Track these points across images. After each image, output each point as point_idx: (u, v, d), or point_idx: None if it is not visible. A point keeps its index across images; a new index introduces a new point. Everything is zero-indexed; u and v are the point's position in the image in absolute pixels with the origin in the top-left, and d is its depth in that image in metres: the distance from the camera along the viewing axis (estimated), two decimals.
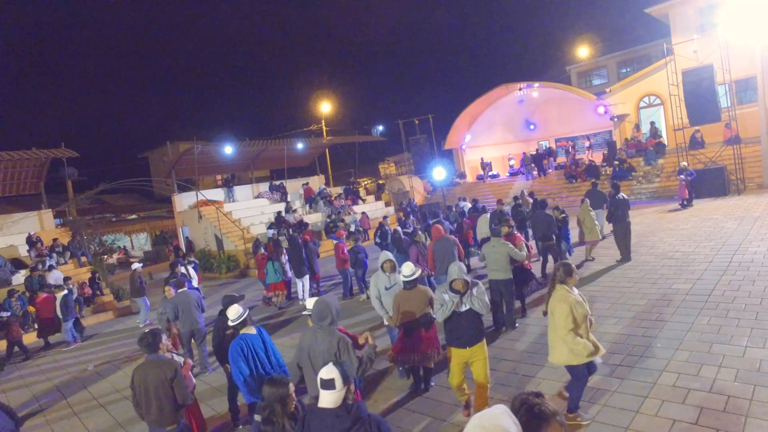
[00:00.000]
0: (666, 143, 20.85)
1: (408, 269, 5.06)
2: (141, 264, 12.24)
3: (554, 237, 9.19)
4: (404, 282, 5.07)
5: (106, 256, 17.12)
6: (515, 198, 12.15)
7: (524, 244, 7.46)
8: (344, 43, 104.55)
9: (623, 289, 7.69)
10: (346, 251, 10.39)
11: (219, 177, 39.95)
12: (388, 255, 5.96)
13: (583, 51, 31.04)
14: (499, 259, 6.73)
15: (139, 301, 11.36)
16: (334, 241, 10.64)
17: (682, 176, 14.79)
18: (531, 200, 11.82)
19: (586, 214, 9.66)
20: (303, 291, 11.17)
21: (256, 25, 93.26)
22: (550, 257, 9.39)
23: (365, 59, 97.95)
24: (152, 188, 33.87)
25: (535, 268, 9.22)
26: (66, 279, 12.60)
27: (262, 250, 11.09)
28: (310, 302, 4.48)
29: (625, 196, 9.68)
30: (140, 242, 29.57)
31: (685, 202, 14.84)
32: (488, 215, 11.17)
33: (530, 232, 10.95)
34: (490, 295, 7.25)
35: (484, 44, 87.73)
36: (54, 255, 14.00)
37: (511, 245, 6.93)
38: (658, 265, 8.76)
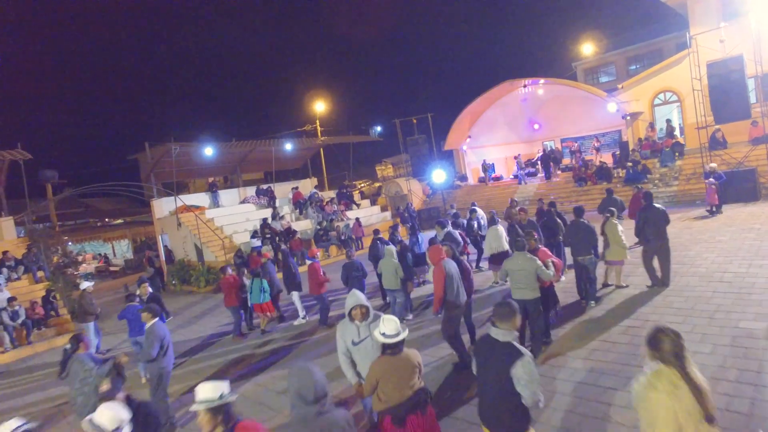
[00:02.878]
0: (684, 143, 19.33)
1: (391, 326, 3.43)
2: (92, 282, 10.59)
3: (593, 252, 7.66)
4: (385, 345, 3.46)
5: (69, 270, 15.45)
6: (551, 204, 10.39)
7: (551, 261, 6.08)
8: (340, 39, 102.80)
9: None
10: (322, 273, 8.78)
11: (211, 179, 38.48)
12: (358, 297, 4.03)
13: (589, 47, 29.53)
14: (526, 276, 5.82)
15: (88, 327, 9.70)
16: (308, 261, 9.03)
17: (710, 179, 13.23)
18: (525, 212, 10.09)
19: (612, 228, 8.04)
20: (299, 308, 9.62)
21: (247, 20, 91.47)
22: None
23: (362, 56, 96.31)
24: (142, 191, 32.43)
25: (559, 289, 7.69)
26: (11, 299, 10.98)
27: (230, 271, 9.41)
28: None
29: (663, 207, 8.09)
30: (122, 249, 27.93)
31: (714, 209, 13.28)
32: (499, 227, 9.57)
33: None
34: None
35: (485, 40, 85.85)
36: (4, 270, 12.39)
37: (539, 261, 5.80)
38: (708, 290, 7.18)
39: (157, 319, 6.21)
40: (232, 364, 7.87)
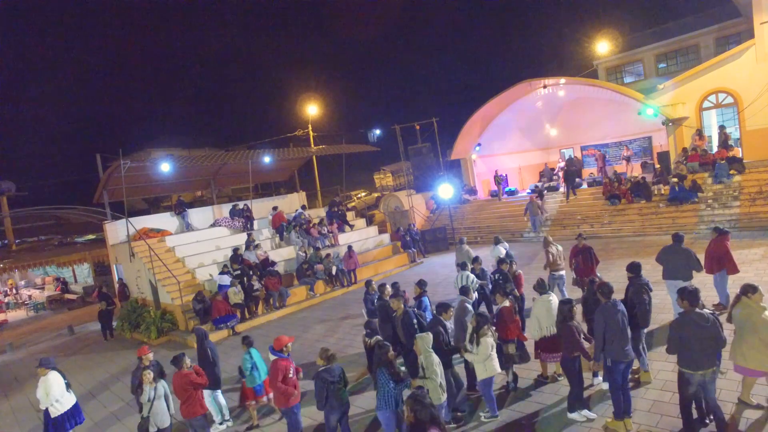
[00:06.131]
0: (741, 155, 16.16)
1: None
2: None
3: None
4: None
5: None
6: (677, 236, 6.86)
7: None
8: (335, 36, 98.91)
9: None
10: (292, 374, 5.54)
11: (199, 193, 35.00)
12: None
13: (612, 43, 26.28)
14: None
15: None
16: (271, 356, 5.78)
17: None
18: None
19: (754, 316, 4.84)
20: (215, 410, 6.92)
21: (233, 17, 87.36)
22: None
23: (360, 54, 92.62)
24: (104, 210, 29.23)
25: None
26: None
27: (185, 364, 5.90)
28: None
29: None
30: (84, 273, 24.65)
31: None
32: (552, 297, 6.33)
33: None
34: None
35: (495, 36, 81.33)
36: None
37: None
38: None
39: None
40: None
